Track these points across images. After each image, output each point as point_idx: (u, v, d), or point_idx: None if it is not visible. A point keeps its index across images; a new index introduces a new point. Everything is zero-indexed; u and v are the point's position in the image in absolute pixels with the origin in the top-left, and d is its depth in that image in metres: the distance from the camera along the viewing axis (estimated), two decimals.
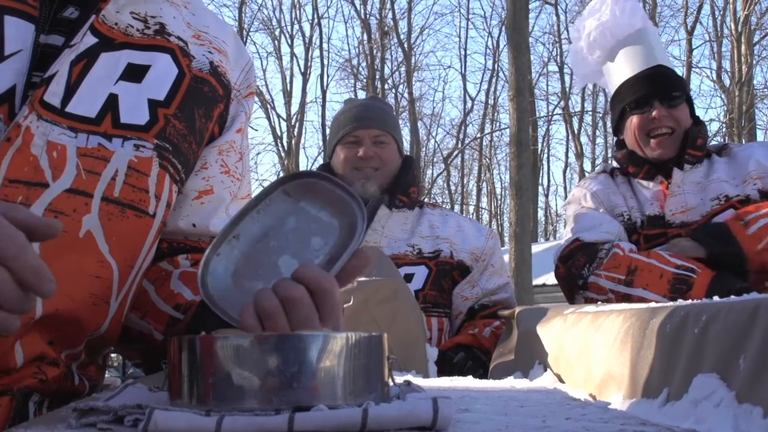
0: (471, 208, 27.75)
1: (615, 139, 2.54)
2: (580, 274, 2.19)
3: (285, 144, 25.35)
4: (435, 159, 26.68)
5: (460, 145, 25.05)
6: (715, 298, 1.25)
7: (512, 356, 1.78)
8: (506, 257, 10.17)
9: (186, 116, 1.10)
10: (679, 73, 2.48)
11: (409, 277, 2.31)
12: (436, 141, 26.96)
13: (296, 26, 26.13)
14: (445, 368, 2.10)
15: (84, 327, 1.01)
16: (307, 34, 26.09)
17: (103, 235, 1.00)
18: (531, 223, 10.33)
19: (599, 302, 2.08)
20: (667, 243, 2.22)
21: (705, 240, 2.12)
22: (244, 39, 24.42)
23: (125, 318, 1.10)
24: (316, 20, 25.91)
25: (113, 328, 1.06)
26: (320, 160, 25.52)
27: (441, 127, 27.47)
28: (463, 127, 25.43)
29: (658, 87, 2.33)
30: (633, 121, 2.37)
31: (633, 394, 1.09)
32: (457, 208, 26.96)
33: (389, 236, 2.38)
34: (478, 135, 25.19)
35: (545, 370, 1.49)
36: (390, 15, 24.69)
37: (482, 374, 2.05)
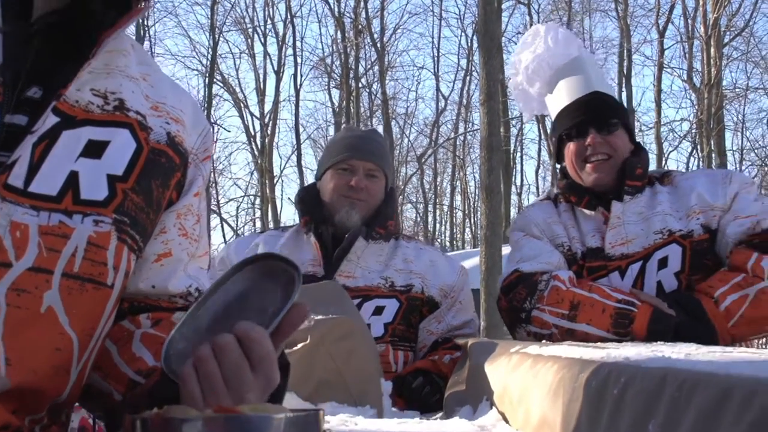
0: (445, 208, 27.93)
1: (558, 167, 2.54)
2: (522, 307, 2.21)
3: (258, 143, 25.34)
4: (408, 158, 26.78)
5: (433, 145, 25.14)
6: (642, 349, 1.34)
7: (464, 386, 1.86)
8: (477, 260, 10.28)
9: (143, 188, 1.16)
10: (618, 99, 2.48)
11: (380, 310, 2.38)
12: (409, 140, 27.07)
13: (269, 24, 26.09)
14: (404, 393, 2.18)
15: (46, 396, 1.07)
16: (281, 32, 26.10)
17: (63, 309, 1.05)
18: (502, 225, 10.42)
19: (544, 339, 2.16)
20: (607, 276, 2.28)
21: (677, 309, 2.12)
22: (217, 38, 24.40)
23: (87, 378, 1.17)
24: (289, 19, 25.91)
25: (74, 393, 1.12)
26: (294, 159, 25.54)
27: (414, 126, 27.52)
28: (436, 127, 25.54)
29: (594, 114, 2.34)
30: (570, 148, 2.37)
31: None
32: (430, 207, 27.12)
33: (364, 267, 2.44)
34: (452, 135, 25.31)
35: (491, 407, 1.58)
36: (364, 14, 24.73)
37: (439, 399, 2.13)
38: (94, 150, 1.11)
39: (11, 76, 1.07)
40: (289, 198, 27.78)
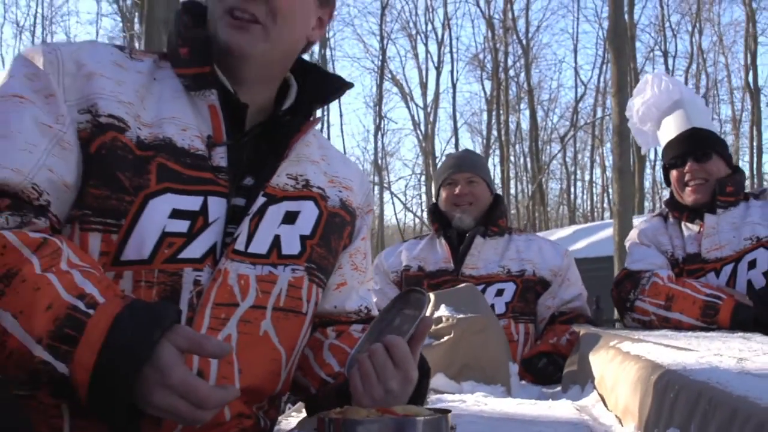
0: (585, 183, 27.30)
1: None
2: (628, 298, 2.37)
3: (422, 129, 25.67)
4: (552, 138, 26.36)
5: (573, 129, 24.63)
6: (706, 353, 1.46)
7: (576, 368, 2.02)
8: (610, 231, 10.13)
9: (325, 242, 1.37)
10: (716, 133, 2.57)
11: (501, 292, 2.58)
12: (552, 123, 26.64)
13: (430, 28, 26.28)
14: (531, 371, 2.37)
15: (266, 391, 1.30)
16: (440, 34, 26.24)
17: (275, 332, 1.28)
18: (633, 202, 10.25)
19: (645, 324, 2.30)
20: (704, 276, 2.38)
21: (760, 304, 2.20)
22: (386, 42, 24.79)
23: (292, 376, 1.41)
24: (446, 22, 25.99)
25: (284, 388, 1.37)
26: (452, 142, 25.68)
27: (557, 109, 27.12)
28: (576, 111, 24.99)
29: (692, 146, 2.46)
30: (673, 174, 2.51)
31: (640, 428, 1.33)
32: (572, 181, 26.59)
33: (484, 259, 2.65)
34: (589, 120, 24.69)
35: (593, 390, 1.73)
36: (511, 14, 24.41)
37: (560, 375, 2.30)
38: (290, 218, 1.33)
39: (233, 171, 1.28)
40: None
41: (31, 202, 1.11)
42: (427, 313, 1.83)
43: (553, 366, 2.34)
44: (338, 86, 1.42)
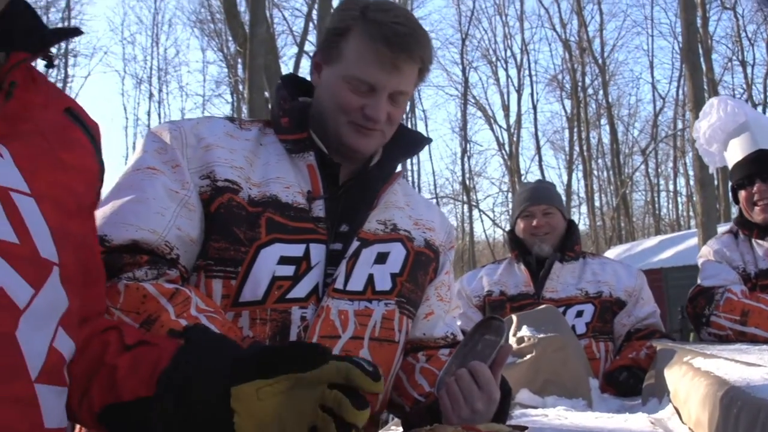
0: (669, 193, 26.46)
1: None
2: (703, 314, 2.34)
3: (507, 149, 25.52)
4: (634, 151, 25.72)
5: (653, 142, 23.97)
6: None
7: (653, 382, 2.03)
8: (695, 240, 9.81)
9: (413, 278, 1.46)
10: None
11: (580, 313, 2.59)
12: (633, 137, 25.99)
13: (509, 53, 26.21)
14: (613, 384, 2.38)
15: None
16: (518, 58, 26.10)
17: (371, 359, 1.36)
18: (716, 212, 9.91)
19: (721, 339, 2.28)
20: None
21: None
22: (467, 72, 24.86)
23: (389, 395, 1.50)
24: (524, 47, 25.85)
25: (381, 407, 1.46)
26: (536, 160, 25.42)
27: (637, 123, 26.44)
28: (656, 125, 24.33)
29: (759, 167, 2.43)
30: (742, 195, 2.48)
31: None
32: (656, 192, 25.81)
33: (563, 283, 2.67)
34: (670, 132, 23.96)
35: (669, 403, 1.75)
36: (586, 36, 24.07)
37: (640, 387, 2.30)
38: (382, 258, 1.43)
39: (330, 220, 1.39)
40: None
41: (165, 257, 1.25)
42: (511, 333, 1.91)
43: (633, 379, 2.34)
44: (419, 141, 1.52)
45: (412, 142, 1.52)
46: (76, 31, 0.98)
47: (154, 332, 1.11)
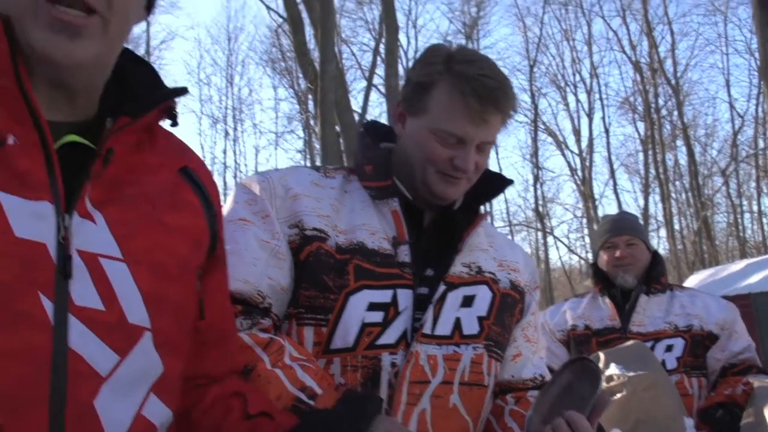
0: (753, 214, 25.46)
1: None
2: None
3: (580, 174, 25.12)
4: (713, 171, 24.92)
5: (734, 163, 23.17)
6: None
7: (752, 420, 1.96)
8: None
9: (500, 321, 1.45)
10: None
11: (670, 348, 2.51)
12: (712, 157, 25.20)
13: (578, 78, 25.93)
14: (708, 422, 2.29)
15: None
16: (588, 82, 25.79)
17: (462, 404, 1.36)
18: None
19: None
20: None
21: None
22: (536, 99, 24.69)
23: None
24: (593, 70, 25.53)
25: None
26: (610, 184, 24.94)
27: (715, 143, 25.61)
28: (735, 144, 23.51)
29: None
30: None
31: None
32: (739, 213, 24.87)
33: (650, 316, 2.59)
34: (750, 152, 23.11)
35: None
36: (657, 57, 23.62)
37: (738, 428, 2.21)
38: (468, 302, 1.42)
39: (416, 265, 1.40)
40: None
41: (258, 306, 1.29)
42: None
43: (730, 416, 2.26)
44: (501, 183, 1.53)
45: (493, 185, 1.53)
46: (183, 91, 1.01)
47: (251, 381, 1.15)
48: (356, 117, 12.95)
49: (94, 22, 0.85)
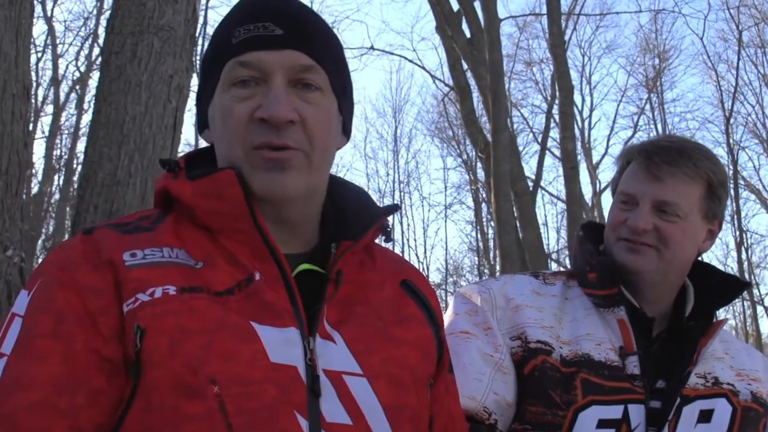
0: None
1: None
2: None
3: None
4: None
5: None
6: None
7: None
8: None
9: None
10: None
11: None
12: None
13: None
14: None
15: None
16: None
17: None
18: None
19: None
20: None
21: None
22: (735, 152, 22.78)
23: None
24: None
25: None
26: None
27: None
28: None
29: None
30: None
31: None
32: None
33: None
34: None
35: None
36: None
37: None
38: (705, 417, 1.33)
39: (646, 377, 1.32)
40: None
41: (483, 422, 1.28)
42: None
43: None
44: (737, 285, 1.44)
45: (728, 287, 1.44)
46: (395, 208, 1.09)
47: None
48: (530, 184, 12.78)
49: (297, 155, 0.95)
